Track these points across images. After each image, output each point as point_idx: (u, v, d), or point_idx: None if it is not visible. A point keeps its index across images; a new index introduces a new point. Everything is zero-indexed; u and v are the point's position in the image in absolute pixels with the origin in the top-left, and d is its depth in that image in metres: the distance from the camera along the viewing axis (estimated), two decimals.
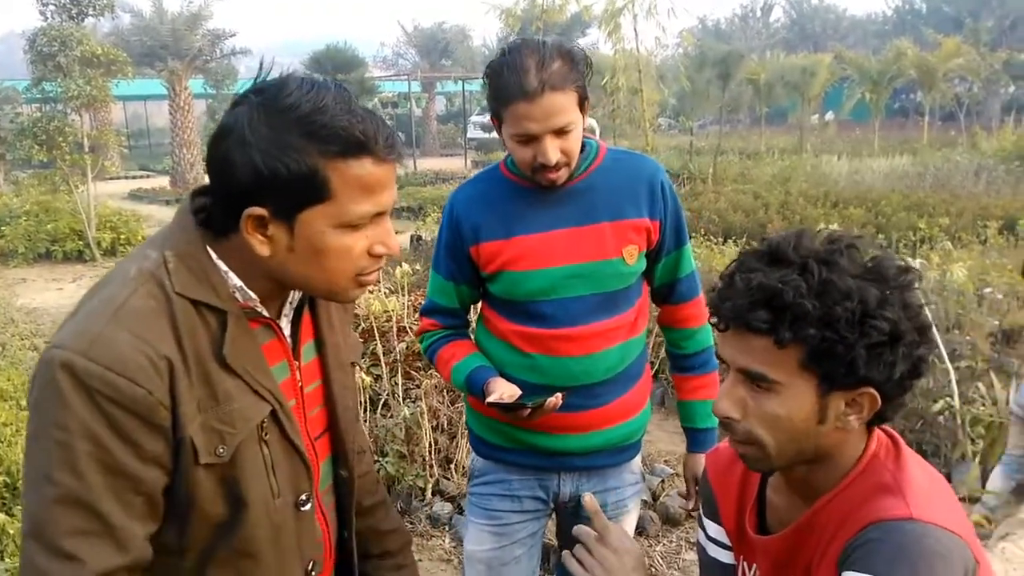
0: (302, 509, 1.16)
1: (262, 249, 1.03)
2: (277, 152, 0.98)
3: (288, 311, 1.17)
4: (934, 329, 3.34)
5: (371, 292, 4.99)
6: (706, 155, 17.69)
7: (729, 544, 1.34)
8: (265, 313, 1.11)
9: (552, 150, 1.64)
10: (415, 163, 21.46)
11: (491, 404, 1.68)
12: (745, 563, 1.30)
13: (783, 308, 1.02)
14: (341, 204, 1.01)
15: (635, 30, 11.73)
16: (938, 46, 21.67)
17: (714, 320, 1.12)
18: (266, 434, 1.09)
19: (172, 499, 1.04)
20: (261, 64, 1.07)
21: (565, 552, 1.26)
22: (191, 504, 1.04)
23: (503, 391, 1.69)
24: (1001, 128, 21.24)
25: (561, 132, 1.64)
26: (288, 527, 1.14)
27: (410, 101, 28.02)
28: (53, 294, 8.96)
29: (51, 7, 10.88)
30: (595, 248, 1.75)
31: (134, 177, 22.09)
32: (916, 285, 1.08)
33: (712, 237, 8.72)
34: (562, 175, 1.70)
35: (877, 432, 1.15)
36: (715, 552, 1.37)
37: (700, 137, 22.83)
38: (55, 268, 10.35)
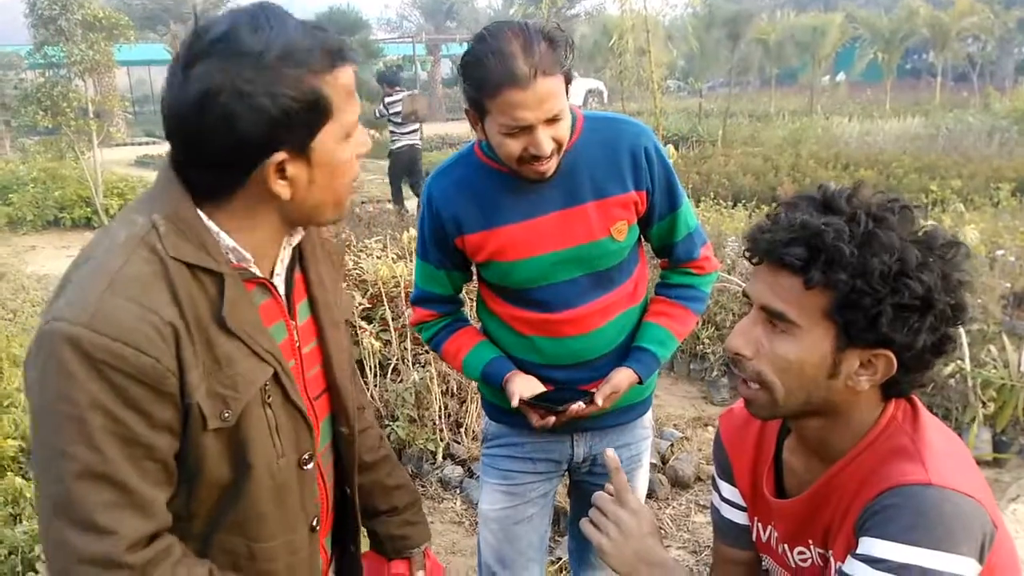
0: (305, 468, 1.17)
1: (284, 192, 1.04)
2: (280, 89, 0.97)
3: (280, 270, 1.16)
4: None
5: (379, 257, 4.98)
6: (715, 117, 17.51)
7: (744, 505, 1.34)
8: (259, 273, 1.10)
9: (546, 140, 1.55)
10: (421, 127, 21.28)
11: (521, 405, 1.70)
12: (760, 524, 1.30)
13: (820, 249, 1.01)
14: (341, 115, 1.04)
15: None
16: (951, 4, 21.29)
17: (748, 252, 1.11)
18: (269, 396, 1.08)
19: (180, 465, 1.04)
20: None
21: (583, 519, 1.26)
22: (198, 469, 1.04)
23: (523, 391, 1.71)
24: (1015, 88, 20.93)
25: (553, 120, 1.55)
26: (292, 487, 1.15)
27: (415, 64, 27.75)
28: (63, 261, 8.96)
29: None
30: (582, 230, 1.69)
31: (140, 143, 21.97)
32: (963, 262, 1.06)
33: (721, 201, 8.66)
34: (552, 166, 1.62)
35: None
36: (730, 513, 1.37)
37: (709, 99, 22.57)
38: (64, 235, 10.36)
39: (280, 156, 1.00)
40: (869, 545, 1.00)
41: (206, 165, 1.02)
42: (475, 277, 1.91)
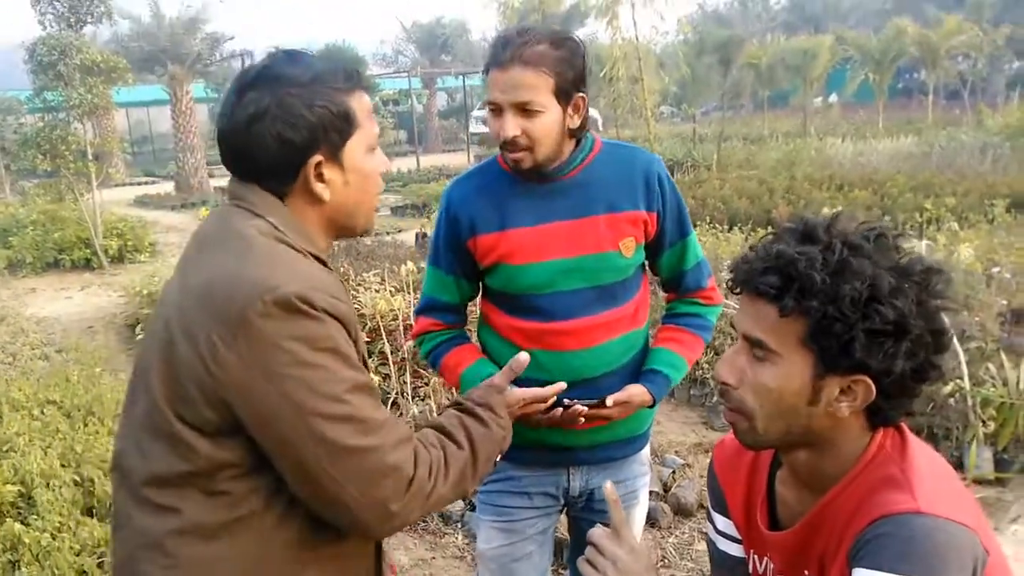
0: None
1: (324, 193, 1.23)
2: (316, 102, 1.19)
3: None
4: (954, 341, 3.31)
5: (377, 291, 5.00)
6: (709, 142, 17.62)
7: (739, 537, 1.34)
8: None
9: (510, 124, 1.65)
10: (418, 160, 21.44)
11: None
12: (756, 557, 1.30)
13: (793, 277, 1.04)
14: (365, 129, 1.25)
15: (633, 19, 11.72)
16: (939, 23, 21.52)
17: (730, 283, 1.14)
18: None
19: None
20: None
21: (580, 558, 1.25)
22: None
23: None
24: (1006, 105, 21.08)
25: (524, 110, 1.65)
26: None
27: (411, 98, 27.97)
28: (62, 303, 9.00)
29: (49, 16, 10.91)
30: (591, 241, 1.74)
31: (139, 183, 22.11)
32: (944, 289, 1.07)
33: (717, 225, 8.69)
34: (524, 159, 1.69)
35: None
36: (725, 546, 1.37)
37: (703, 124, 22.73)
38: (64, 277, 10.39)
39: (317, 158, 1.20)
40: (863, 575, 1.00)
41: (261, 179, 1.21)
42: (479, 295, 1.94)
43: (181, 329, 1.11)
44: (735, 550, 1.36)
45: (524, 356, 1.52)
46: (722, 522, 1.37)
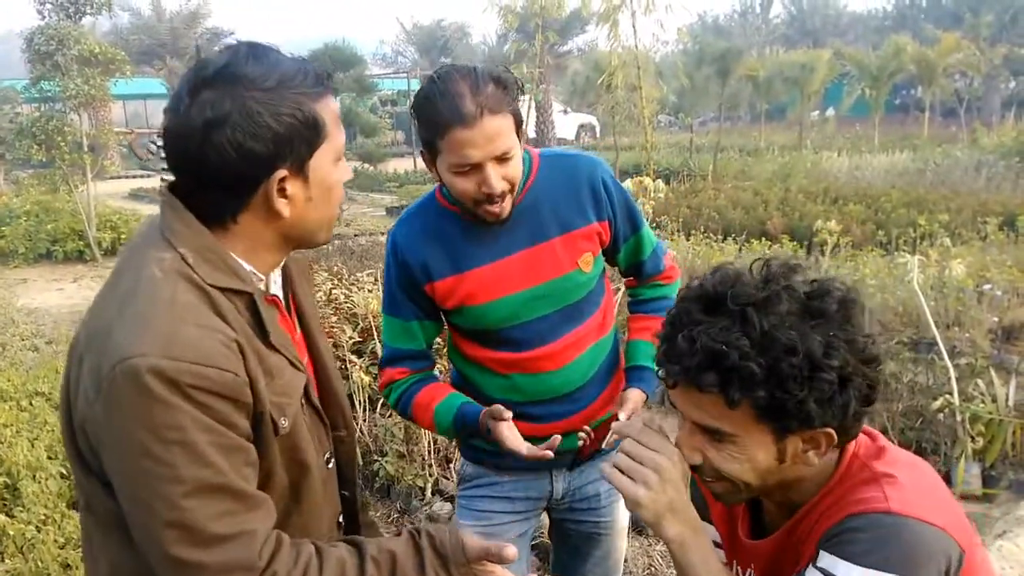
0: (328, 467, 1.27)
1: (284, 210, 1.10)
2: (283, 109, 1.06)
3: (276, 289, 1.23)
4: (932, 327, 3.32)
5: (370, 291, 4.99)
6: (706, 152, 17.68)
7: (722, 544, 1.35)
8: (272, 292, 1.19)
9: (496, 178, 1.57)
10: (415, 161, 21.43)
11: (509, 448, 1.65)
12: (739, 567, 1.31)
13: (730, 369, 1.02)
14: (333, 137, 1.13)
15: (633, 27, 11.71)
16: (937, 41, 21.63)
17: (662, 374, 1.12)
18: (303, 402, 1.17)
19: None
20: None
21: (603, 465, 1.18)
22: (269, 475, 1.11)
23: (513, 437, 1.65)
24: (1001, 124, 21.20)
25: (503, 159, 1.58)
26: (326, 484, 1.25)
27: (409, 99, 27.96)
28: (54, 294, 8.96)
29: (48, 6, 10.84)
30: (550, 266, 1.72)
31: (134, 176, 22.05)
32: (859, 318, 1.08)
33: (712, 235, 8.71)
34: (506, 207, 1.64)
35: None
36: None
37: (700, 134, 22.80)
38: (56, 268, 10.35)
39: (281, 173, 1.08)
40: (831, 562, 1.04)
41: (212, 188, 1.08)
42: (445, 324, 1.89)
43: (75, 361, 1.06)
44: (719, 557, 1.36)
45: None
46: (707, 530, 1.38)
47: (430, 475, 3.70)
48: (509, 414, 1.64)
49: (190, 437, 0.97)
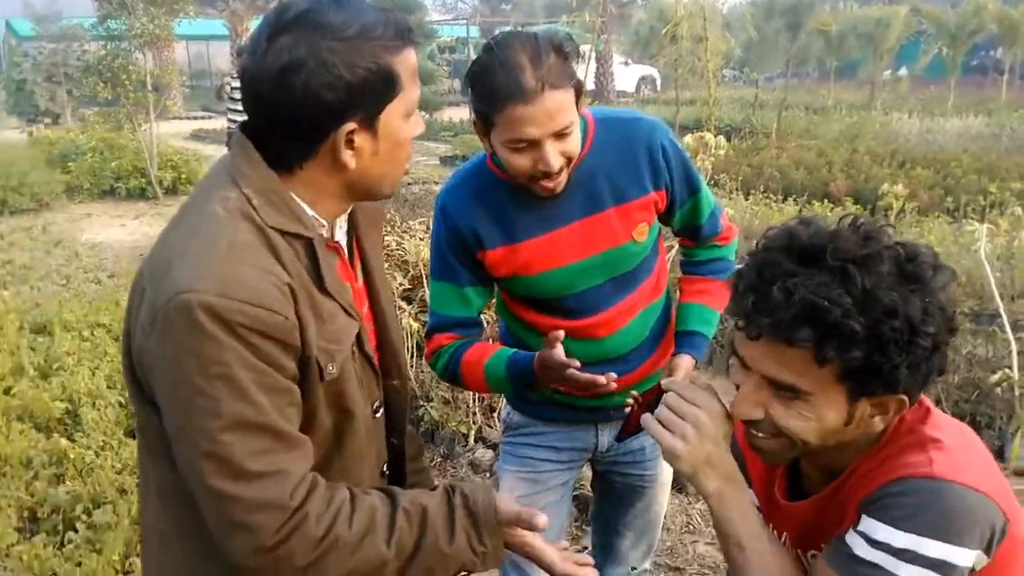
0: (376, 416, 1.28)
1: (351, 161, 1.10)
2: (358, 60, 1.04)
3: (340, 236, 1.23)
4: (997, 299, 3.21)
5: (421, 239, 5.01)
6: (770, 109, 17.18)
7: (759, 507, 1.34)
8: (336, 238, 1.19)
9: (554, 156, 1.51)
10: (471, 110, 21.31)
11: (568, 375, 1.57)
12: (775, 530, 1.29)
13: (829, 326, 0.98)
14: (407, 93, 1.11)
15: None
16: (1022, 1, 20.54)
17: (743, 326, 1.07)
18: (354, 349, 1.17)
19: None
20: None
21: (645, 416, 1.19)
22: (311, 420, 1.12)
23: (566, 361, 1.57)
24: None
25: (561, 134, 1.51)
26: (372, 433, 1.26)
27: (468, 47, 27.72)
28: (116, 230, 9.21)
29: None
30: (604, 237, 1.67)
31: (195, 117, 22.39)
32: (947, 278, 1.05)
33: (772, 195, 8.51)
34: (562, 182, 1.58)
35: None
36: None
37: (765, 90, 22.17)
38: (119, 205, 10.62)
39: (351, 125, 1.07)
40: (872, 526, 1.02)
41: (283, 133, 1.09)
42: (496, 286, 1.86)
43: (137, 293, 1.09)
44: None
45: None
46: None
47: (474, 423, 3.74)
48: (562, 333, 1.56)
49: (235, 373, 0.99)
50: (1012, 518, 1.02)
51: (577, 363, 1.55)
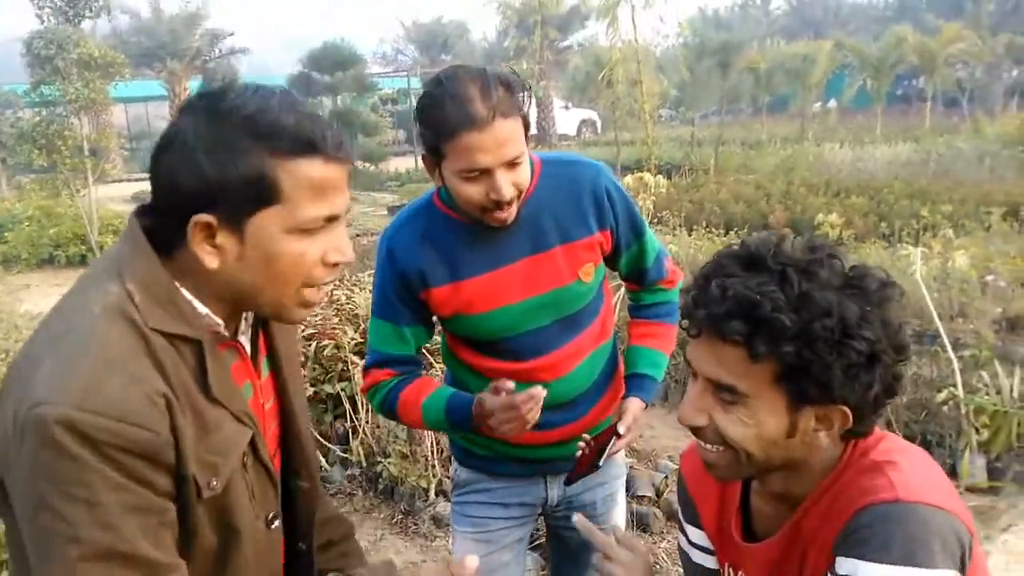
0: (272, 527, 1.17)
1: (210, 261, 1.00)
2: (224, 154, 0.96)
3: (245, 328, 1.14)
4: (936, 319, 3.31)
5: (371, 291, 4.98)
6: (707, 145, 17.62)
7: (712, 548, 1.33)
8: (238, 333, 1.10)
9: (506, 184, 1.52)
10: (416, 161, 21.41)
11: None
12: (731, 569, 1.29)
13: (760, 320, 1.00)
14: (292, 206, 0.99)
15: (633, 21, 11.72)
16: (939, 31, 21.56)
17: (686, 324, 1.10)
18: (246, 459, 1.08)
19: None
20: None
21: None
22: (190, 538, 1.03)
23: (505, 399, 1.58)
24: (1004, 113, 21.13)
25: (512, 164, 1.52)
26: (264, 547, 1.15)
27: (410, 97, 27.96)
28: (57, 300, 8.95)
29: (47, 9, 10.91)
30: (550, 276, 1.67)
31: (137, 179, 22.03)
32: (897, 302, 1.07)
33: (713, 229, 8.68)
34: (512, 212, 1.58)
35: None
36: (699, 558, 1.37)
37: (701, 127, 22.74)
38: (58, 273, 10.35)
39: (207, 218, 0.97)
40: (851, 566, 1.01)
41: (158, 210, 1.02)
42: (439, 327, 1.86)
43: (5, 391, 0.99)
44: (709, 562, 1.35)
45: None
46: (695, 534, 1.37)
47: (433, 475, 3.69)
48: (511, 384, 1.56)
49: (97, 496, 0.90)
50: (974, 534, 1.03)
51: (511, 385, 1.55)
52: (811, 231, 7.28)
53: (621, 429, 1.69)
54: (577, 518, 1.27)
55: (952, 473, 3.58)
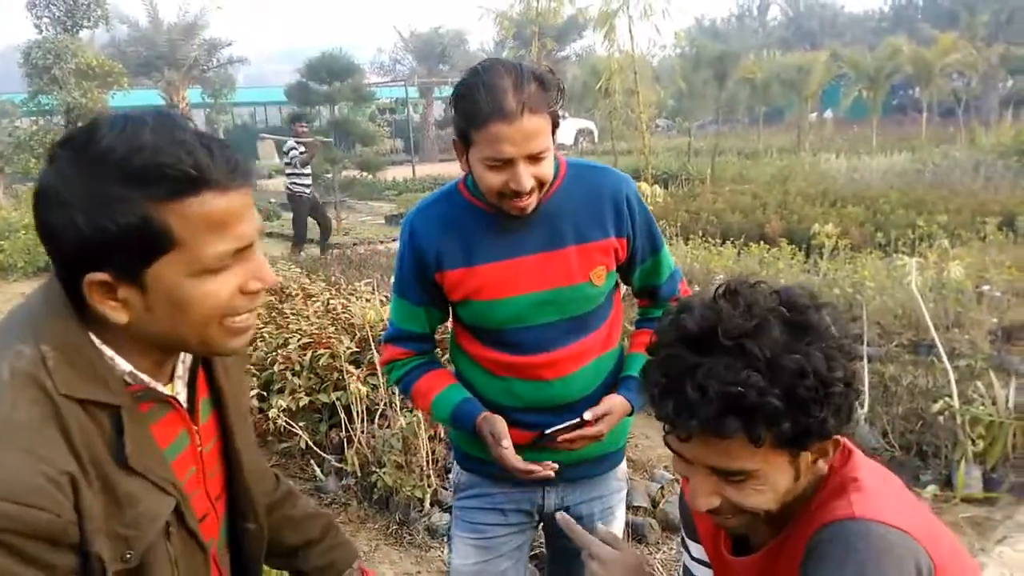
0: None
1: (117, 317, 0.92)
2: (99, 208, 0.86)
3: (182, 372, 1.09)
4: (932, 329, 3.31)
5: (367, 300, 4.98)
6: (704, 155, 17.69)
7: (710, 562, 1.34)
8: (164, 391, 1.03)
9: (526, 176, 1.57)
10: (414, 169, 21.46)
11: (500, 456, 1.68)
12: None
13: (750, 409, 1.00)
14: (192, 249, 0.90)
15: (630, 32, 11.76)
16: (934, 42, 21.68)
17: (671, 431, 1.08)
18: (169, 528, 1.02)
19: None
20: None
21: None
22: None
23: (505, 438, 1.68)
24: (999, 123, 21.21)
25: (536, 158, 1.57)
26: None
27: (408, 107, 28.02)
28: None
29: (46, 19, 10.92)
30: (561, 274, 1.71)
31: None
32: (830, 313, 1.08)
33: (710, 239, 8.70)
34: (532, 203, 1.64)
35: None
36: (701, 573, 1.38)
37: (698, 137, 22.81)
38: None
39: (100, 276, 0.89)
40: None
41: (59, 268, 0.93)
42: (451, 318, 1.90)
43: None
44: None
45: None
46: (696, 549, 1.38)
47: (428, 486, 3.68)
48: (508, 441, 1.67)
49: None
50: (939, 563, 1.02)
51: (509, 444, 1.66)
52: (808, 241, 7.30)
53: (587, 415, 1.70)
54: (560, 516, 1.27)
55: (947, 484, 3.57)
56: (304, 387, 4.15)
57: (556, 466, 1.69)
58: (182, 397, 1.09)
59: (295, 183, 10.24)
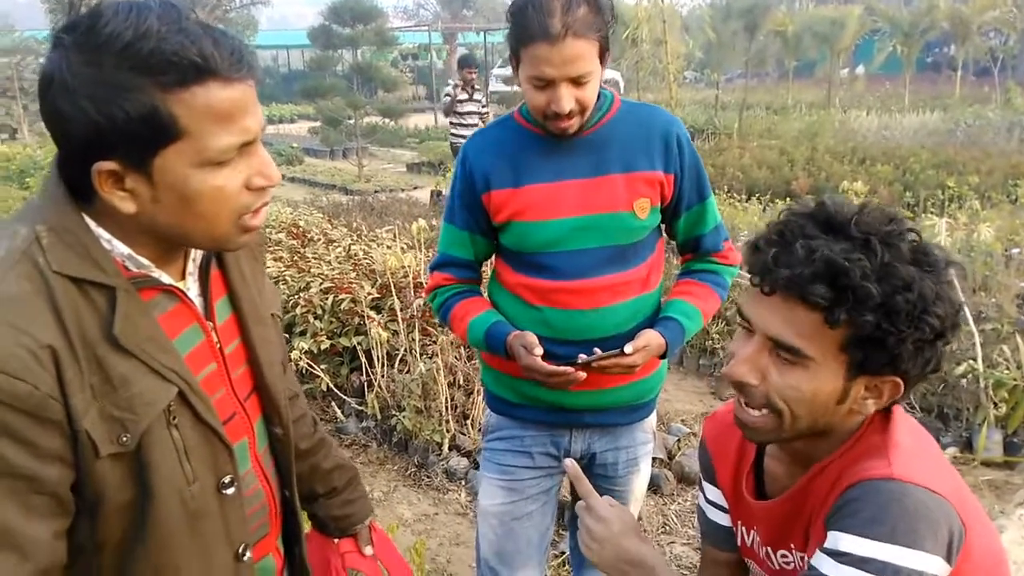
0: (225, 492, 1.07)
1: (125, 206, 0.92)
2: (107, 95, 0.86)
3: (193, 269, 1.08)
4: (959, 291, 3.29)
5: (388, 248, 4.98)
6: (732, 109, 17.39)
7: (727, 507, 1.34)
8: (164, 279, 1.02)
9: (567, 98, 1.61)
10: (436, 117, 21.28)
11: (528, 367, 1.69)
12: (743, 528, 1.30)
13: (846, 287, 0.98)
14: (197, 140, 0.90)
15: None
16: None
17: (757, 281, 1.06)
18: (174, 417, 0.99)
19: (79, 494, 0.95)
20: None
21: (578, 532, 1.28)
22: (100, 497, 0.96)
23: (536, 347, 1.70)
24: None
25: (578, 81, 1.61)
26: (210, 513, 1.06)
27: (430, 53, 27.68)
28: None
29: None
30: (606, 200, 1.72)
31: None
32: (957, 274, 1.07)
33: (735, 194, 8.60)
34: (574, 124, 1.67)
35: None
36: (714, 515, 1.39)
37: (726, 91, 22.41)
38: None
39: (109, 165, 0.89)
40: (834, 539, 1.01)
41: (65, 157, 0.94)
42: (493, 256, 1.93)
43: None
44: (724, 520, 1.37)
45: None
46: (712, 491, 1.38)
47: (447, 431, 3.72)
48: (540, 350, 1.69)
49: None
50: (969, 527, 1.01)
51: (540, 351, 1.68)
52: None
53: (628, 348, 1.69)
54: (567, 462, 1.28)
55: (968, 447, 3.56)
56: (326, 331, 4.18)
57: (583, 376, 1.68)
58: (192, 293, 1.08)
59: (455, 133, 9.07)
